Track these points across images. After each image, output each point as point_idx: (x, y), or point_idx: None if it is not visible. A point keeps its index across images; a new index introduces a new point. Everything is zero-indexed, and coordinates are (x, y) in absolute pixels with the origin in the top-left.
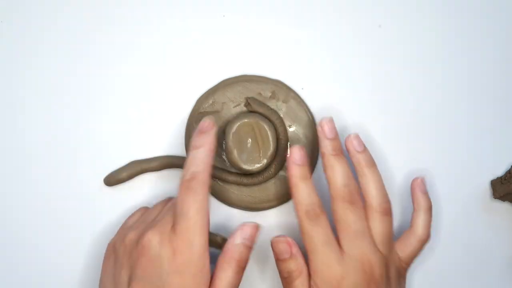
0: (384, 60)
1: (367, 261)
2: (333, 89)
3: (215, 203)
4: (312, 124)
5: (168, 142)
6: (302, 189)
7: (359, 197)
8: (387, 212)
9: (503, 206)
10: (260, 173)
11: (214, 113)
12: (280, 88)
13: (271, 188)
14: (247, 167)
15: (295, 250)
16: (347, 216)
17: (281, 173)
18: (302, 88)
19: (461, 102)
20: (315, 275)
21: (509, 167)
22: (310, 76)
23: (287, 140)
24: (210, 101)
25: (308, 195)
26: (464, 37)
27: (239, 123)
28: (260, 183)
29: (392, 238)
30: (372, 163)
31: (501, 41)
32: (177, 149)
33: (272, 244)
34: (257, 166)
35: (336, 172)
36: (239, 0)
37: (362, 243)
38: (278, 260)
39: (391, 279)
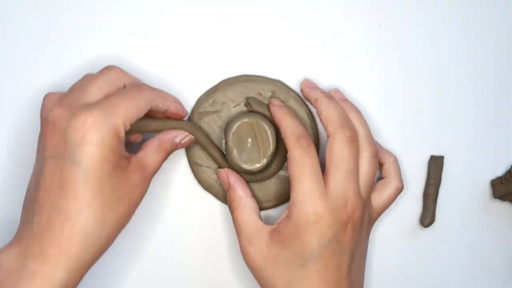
0: (384, 60)
1: (350, 202)
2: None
3: (215, 203)
4: (312, 124)
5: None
6: (292, 120)
7: (357, 136)
8: (375, 154)
9: (503, 206)
10: (259, 172)
11: (214, 113)
12: (280, 88)
13: (271, 188)
14: (247, 167)
15: (233, 180)
16: (344, 153)
17: (281, 172)
18: None
19: (461, 102)
20: (293, 207)
21: (509, 167)
22: (310, 76)
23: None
24: (210, 101)
25: (297, 124)
26: (464, 37)
27: (239, 123)
28: (258, 180)
29: (373, 184)
30: (357, 109)
31: (501, 41)
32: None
33: (217, 173)
34: (257, 166)
35: (332, 110)
36: (239, 0)
37: (350, 184)
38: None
39: (363, 226)
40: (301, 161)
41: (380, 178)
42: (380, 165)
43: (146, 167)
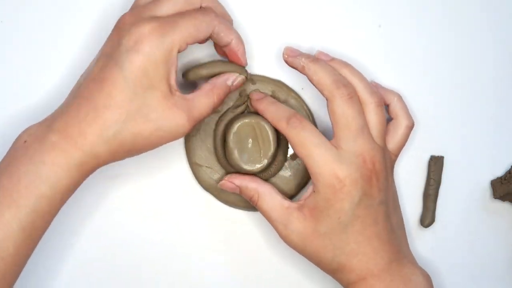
0: (384, 60)
1: (368, 156)
2: None
3: (215, 203)
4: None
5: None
6: (275, 107)
7: (355, 91)
8: (380, 103)
9: (503, 206)
10: (260, 173)
11: (215, 113)
12: (281, 88)
13: None
14: (248, 167)
15: (239, 181)
16: (347, 113)
17: (281, 173)
18: (302, 88)
19: (460, 103)
20: (316, 181)
21: (509, 167)
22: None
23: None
24: None
25: (282, 108)
26: (464, 37)
27: (240, 123)
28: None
29: (385, 128)
30: (348, 64)
31: (501, 41)
32: (177, 149)
33: (221, 188)
34: (257, 166)
35: (322, 72)
36: (240, 0)
37: (363, 139)
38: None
39: (388, 171)
40: (300, 139)
41: (390, 119)
42: (386, 106)
43: (192, 108)
